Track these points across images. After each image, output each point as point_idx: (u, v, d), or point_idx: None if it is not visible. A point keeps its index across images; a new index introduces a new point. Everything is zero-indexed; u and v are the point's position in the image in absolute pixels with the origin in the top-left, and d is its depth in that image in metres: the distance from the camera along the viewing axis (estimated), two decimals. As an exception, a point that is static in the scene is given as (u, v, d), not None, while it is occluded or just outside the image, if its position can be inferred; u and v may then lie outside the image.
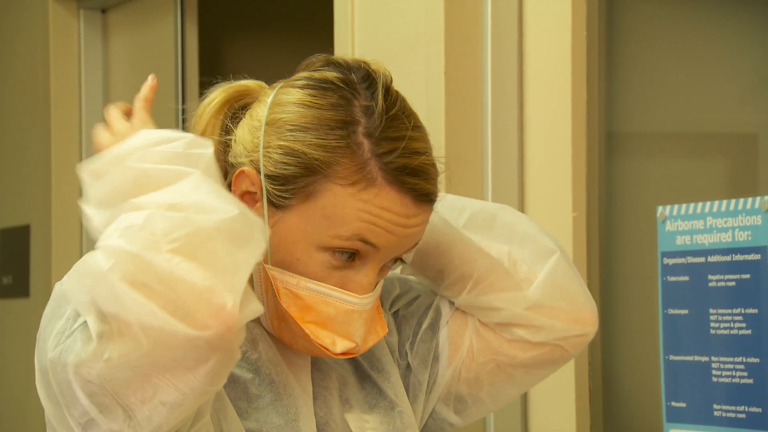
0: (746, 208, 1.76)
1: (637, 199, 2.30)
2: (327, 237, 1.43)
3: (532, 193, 2.29)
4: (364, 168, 1.42)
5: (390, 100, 1.46)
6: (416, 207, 1.44)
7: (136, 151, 1.31)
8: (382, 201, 1.42)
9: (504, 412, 2.30)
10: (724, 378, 1.78)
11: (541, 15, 2.29)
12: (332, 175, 1.42)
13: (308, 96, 1.46)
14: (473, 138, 2.30)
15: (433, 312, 1.66)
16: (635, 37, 2.36)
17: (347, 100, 1.45)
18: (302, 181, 1.43)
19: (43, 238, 3.87)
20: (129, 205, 1.27)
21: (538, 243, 1.64)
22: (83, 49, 3.85)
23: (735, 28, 2.36)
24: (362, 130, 1.43)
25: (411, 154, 1.43)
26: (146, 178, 1.29)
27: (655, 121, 2.38)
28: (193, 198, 1.26)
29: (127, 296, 1.19)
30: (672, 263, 1.87)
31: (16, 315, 4.02)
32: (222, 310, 1.20)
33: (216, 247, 1.22)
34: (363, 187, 1.42)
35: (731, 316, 1.77)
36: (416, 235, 1.47)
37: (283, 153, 1.44)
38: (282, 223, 1.45)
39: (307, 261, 1.44)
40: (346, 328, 1.47)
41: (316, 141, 1.42)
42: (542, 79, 2.28)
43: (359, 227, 1.42)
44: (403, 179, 1.42)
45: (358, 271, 1.46)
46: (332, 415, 1.53)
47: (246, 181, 1.47)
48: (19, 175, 4.02)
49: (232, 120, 1.53)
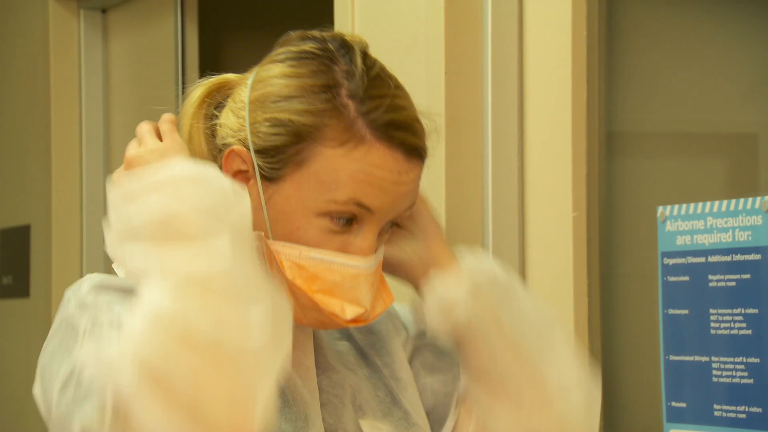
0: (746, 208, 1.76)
1: (637, 199, 2.30)
2: (323, 202, 1.44)
3: (532, 193, 2.29)
4: (352, 127, 1.43)
5: (369, 63, 1.48)
6: (407, 162, 1.45)
7: (169, 185, 1.31)
8: (373, 158, 1.43)
9: (504, 412, 2.30)
10: (724, 378, 1.78)
11: (542, 15, 2.29)
12: (321, 139, 1.43)
13: (288, 67, 1.48)
14: (473, 138, 2.30)
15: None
16: (636, 37, 2.36)
17: (327, 66, 1.46)
18: (292, 149, 1.44)
19: (43, 238, 3.87)
20: (153, 259, 1.26)
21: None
22: (83, 49, 3.85)
23: (735, 29, 2.36)
24: (345, 92, 1.44)
25: (396, 109, 1.45)
26: (176, 223, 1.28)
27: (656, 121, 2.38)
28: (223, 277, 1.25)
29: (144, 397, 1.19)
30: (672, 263, 1.87)
31: (17, 315, 4.02)
32: (241, 427, 1.21)
33: (245, 359, 1.22)
34: (353, 146, 1.43)
35: (731, 317, 1.77)
36: (409, 195, 1.48)
37: (271, 125, 1.45)
38: (277, 195, 1.46)
39: (307, 228, 1.45)
40: (353, 293, 1.47)
41: (302, 107, 1.44)
42: (542, 79, 2.28)
43: (354, 190, 1.43)
44: (391, 134, 1.43)
45: (357, 235, 1.47)
46: (342, 423, 1.53)
47: (236, 160, 1.48)
48: (20, 174, 4.02)
49: (216, 108, 1.54)
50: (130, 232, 1.30)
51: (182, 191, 1.30)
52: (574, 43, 2.23)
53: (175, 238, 1.27)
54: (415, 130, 1.47)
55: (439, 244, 1.58)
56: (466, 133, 2.29)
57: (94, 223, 3.83)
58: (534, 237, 2.29)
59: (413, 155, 1.46)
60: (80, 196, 3.84)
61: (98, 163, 3.85)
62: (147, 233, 1.28)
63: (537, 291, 2.27)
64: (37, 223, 3.91)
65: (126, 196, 1.32)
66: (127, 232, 1.31)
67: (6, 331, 4.07)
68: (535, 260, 2.28)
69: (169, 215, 1.28)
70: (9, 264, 4.08)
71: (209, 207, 1.30)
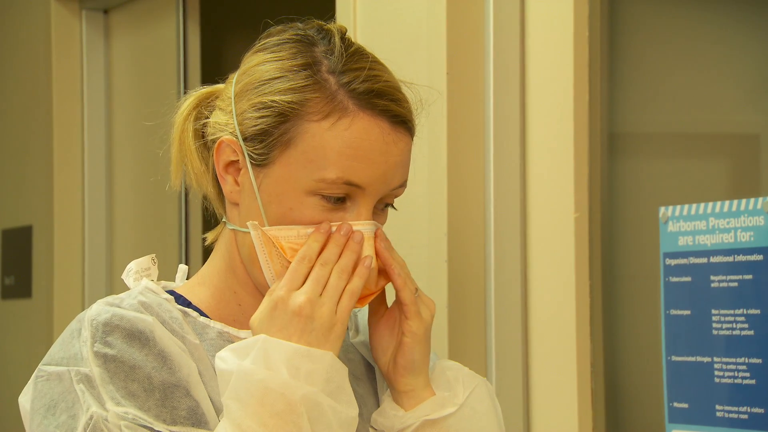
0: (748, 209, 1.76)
1: (639, 199, 2.30)
2: (313, 181, 1.45)
3: (534, 194, 2.29)
4: (334, 99, 1.45)
5: (346, 42, 1.51)
6: (394, 131, 1.46)
7: (297, 394, 1.36)
8: (358, 128, 1.44)
9: (506, 414, 2.30)
10: (726, 379, 1.78)
11: (543, 16, 2.29)
12: (305, 114, 1.45)
13: (269, 54, 1.51)
14: (475, 139, 2.30)
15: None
16: (637, 37, 2.36)
17: (307, 47, 1.50)
18: (279, 130, 1.46)
19: (45, 238, 3.87)
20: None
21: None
22: (85, 49, 3.85)
23: (737, 29, 2.36)
24: (325, 68, 1.47)
25: (375, 78, 1.47)
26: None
27: (658, 121, 2.38)
28: None
29: None
30: (674, 264, 1.87)
31: (18, 315, 4.02)
32: None
33: None
34: (337, 118, 1.44)
35: (733, 317, 1.77)
36: (399, 168, 1.48)
37: (256, 110, 1.47)
38: (268, 179, 1.47)
39: (300, 207, 1.46)
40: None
41: (284, 86, 1.46)
42: (544, 80, 2.28)
43: (342, 168, 1.44)
44: (373, 102, 1.45)
45: (351, 212, 1.48)
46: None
47: (226, 150, 1.49)
48: (22, 175, 4.02)
49: (206, 108, 1.56)
50: (236, 399, 1.36)
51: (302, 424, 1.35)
52: (576, 43, 2.23)
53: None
54: (397, 98, 1.48)
55: (424, 371, 1.57)
56: (468, 135, 2.29)
57: (95, 224, 3.83)
58: (536, 238, 2.29)
59: (398, 124, 1.47)
60: (82, 197, 3.84)
61: (100, 163, 3.85)
62: (248, 411, 1.36)
63: (538, 292, 2.27)
64: (39, 223, 3.91)
65: (247, 357, 1.39)
66: (235, 399, 1.36)
67: (8, 331, 4.07)
68: (537, 261, 2.28)
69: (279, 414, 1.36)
70: (11, 264, 4.08)
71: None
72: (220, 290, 1.55)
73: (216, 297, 1.55)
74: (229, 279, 1.55)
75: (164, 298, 1.52)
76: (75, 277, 3.81)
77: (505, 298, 2.29)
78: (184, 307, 1.52)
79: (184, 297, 1.54)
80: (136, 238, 3.78)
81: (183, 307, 1.52)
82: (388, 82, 1.48)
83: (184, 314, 1.51)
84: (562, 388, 2.23)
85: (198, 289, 1.56)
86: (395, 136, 1.46)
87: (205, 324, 1.51)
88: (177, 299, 1.53)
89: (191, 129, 1.55)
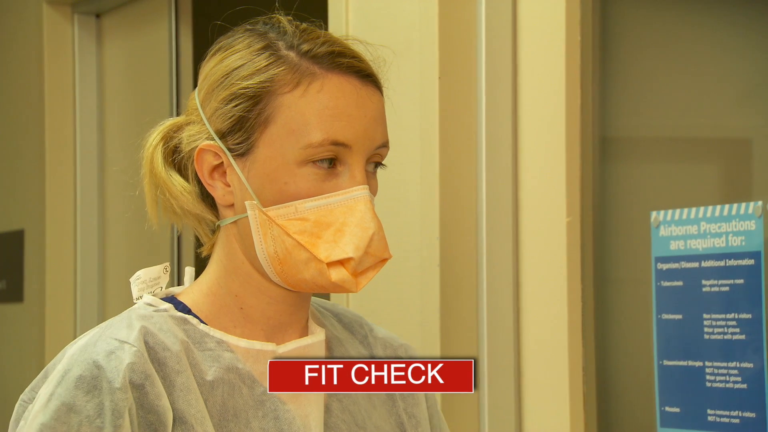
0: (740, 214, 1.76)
1: (631, 204, 2.30)
2: (300, 150, 1.45)
3: (526, 199, 2.29)
4: (300, 68, 1.47)
5: (294, 23, 1.53)
6: (365, 87, 1.49)
7: None
8: (330, 87, 1.47)
9: (498, 418, 2.30)
10: (717, 383, 1.78)
11: (535, 20, 2.29)
12: (276, 89, 1.47)
13: (224, 52, 1.53)
14: (467, 143, 2.30)
15: None
16: (629, 41, 2.36)
17: (260, 35, 1.52)
18: (254, 112, 1.47)
19: (37, 242, 3.87)
20: None
21: None
22: (77, 53, 3.85)
23: (729, 33, 2.36)
24: (283, 46, 1.49)
25: (333, 41, 1.50)
26: None
27: (650, 125, 2.38)
28: None
29: None
30: (666, 268, 1.87)
31: (10, 320, 4.02)
32: None
33: None
34: (308, 84, 1.46)
35: (725, 321, 1.77)
36: (379, 123, 1.50)
37: (226, 102, 1.48)
38: (255, 162, 1.47)
39: (295, 180, 1.46)
40: (362, 224, 1.47)
41: (248, 71, 1.48)
42: (536, 84, 2.28)
43: (325, 129, 1.45)
44: (337, 61, 1.48)
45: (344, 175, 1.48)
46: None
47: (207, 156, 1.49)
48: (14, 179, 4.02)
49: (174, 134, 1.56)
50: None
51: None
52: (568, 47, 2.23)
53: None
54: (359, 56, 1.51)
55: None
56: (459, 138, 2.29)
57: (88, 228, 3.83)
58: (528, 242, 2.29)
59: (367, 79, 1.50)
60: (74, 201, 3.84)
61: (92, 167, 3.84)
62: None
63: (531, 296, 2.27)
64: (31, 227, 3.91)
65: None
66: None
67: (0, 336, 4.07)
68: (529, 265, 2.28)
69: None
70: (2, 269, 4.07)
71: None
72: (219, 297, 1.54)
73: (216, 304, 1.53)
74: (229, 283, 1.53)
75: (163, 308, 1.50)
76: (67, 282, 3.81)
77: (497, 302, 2.29)
78: (183, 314, 1.51)
79: (184, 304, 1.53)
80: (128, 242, 3.78)
81: (182, 314, 1.51)
82: (346, 43, 1.52)
83: (183, 321, 1.49)
84: (554, 392, 2.23)
85: (197, 296, 1.55)
86: (367, 90, 1.50)
87: (204, 332, 1.50)
88: (176, 306, 1.52)
89: (160, 155, 1.54)
